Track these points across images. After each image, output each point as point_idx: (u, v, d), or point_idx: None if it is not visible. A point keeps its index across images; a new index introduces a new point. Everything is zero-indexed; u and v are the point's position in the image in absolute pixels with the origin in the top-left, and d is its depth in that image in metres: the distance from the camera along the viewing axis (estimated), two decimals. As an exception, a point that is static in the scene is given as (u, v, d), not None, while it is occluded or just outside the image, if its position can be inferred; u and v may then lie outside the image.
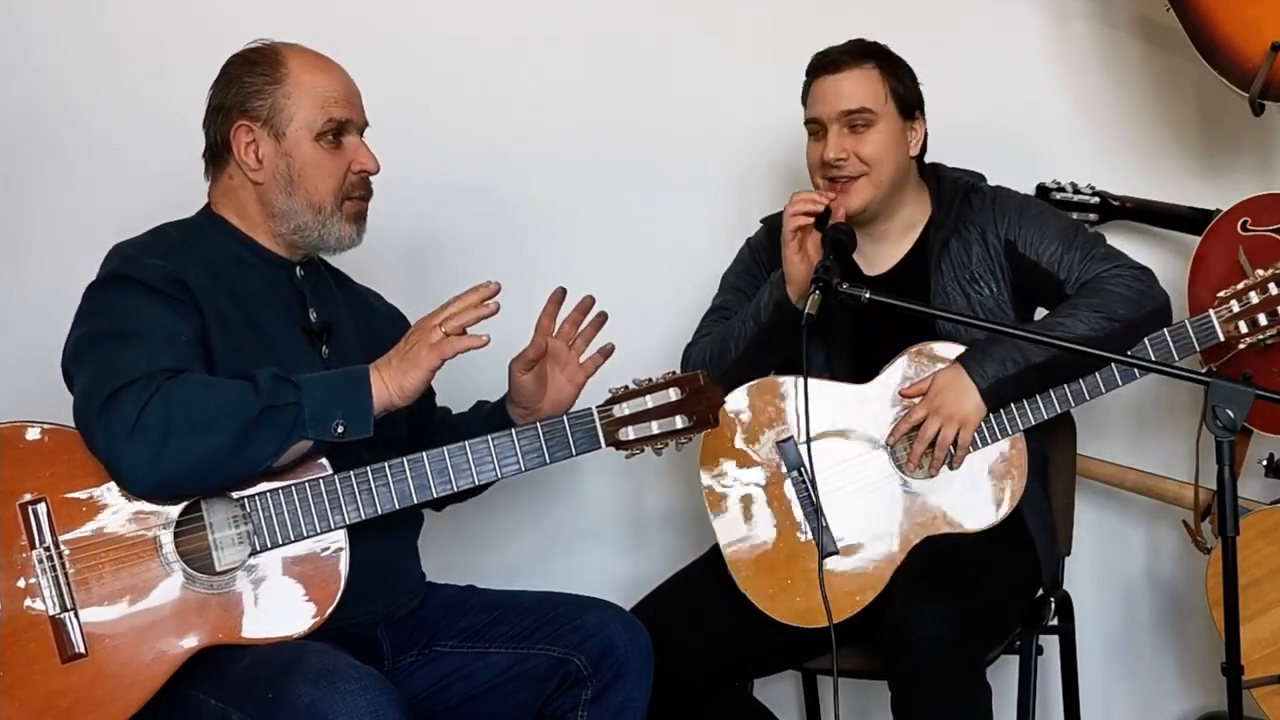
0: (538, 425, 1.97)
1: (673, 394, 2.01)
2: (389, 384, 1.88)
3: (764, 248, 2.38)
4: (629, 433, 2.00)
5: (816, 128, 2.28)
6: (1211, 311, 2.22)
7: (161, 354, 1.85)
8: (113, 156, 2.78)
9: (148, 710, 1.86)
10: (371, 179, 2.07)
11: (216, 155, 2.04)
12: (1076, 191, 2.62)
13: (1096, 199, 2.61)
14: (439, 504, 2.19)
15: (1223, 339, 2.22)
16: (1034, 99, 2.70)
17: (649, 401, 2.00)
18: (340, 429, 1.85)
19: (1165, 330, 2.22)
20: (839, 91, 2.23)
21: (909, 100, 2.25)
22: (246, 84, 2.00)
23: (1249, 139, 2.65)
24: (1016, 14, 2.71)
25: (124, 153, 2.78)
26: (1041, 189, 2.61)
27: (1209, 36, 2.34)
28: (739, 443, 2.25)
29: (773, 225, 2.37)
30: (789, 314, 2.18)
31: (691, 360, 2.34)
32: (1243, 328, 2.21)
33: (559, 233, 2.80)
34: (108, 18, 2.78)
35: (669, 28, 2.77)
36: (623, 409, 1.99)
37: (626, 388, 2.01)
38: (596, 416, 1.99)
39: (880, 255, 2.33)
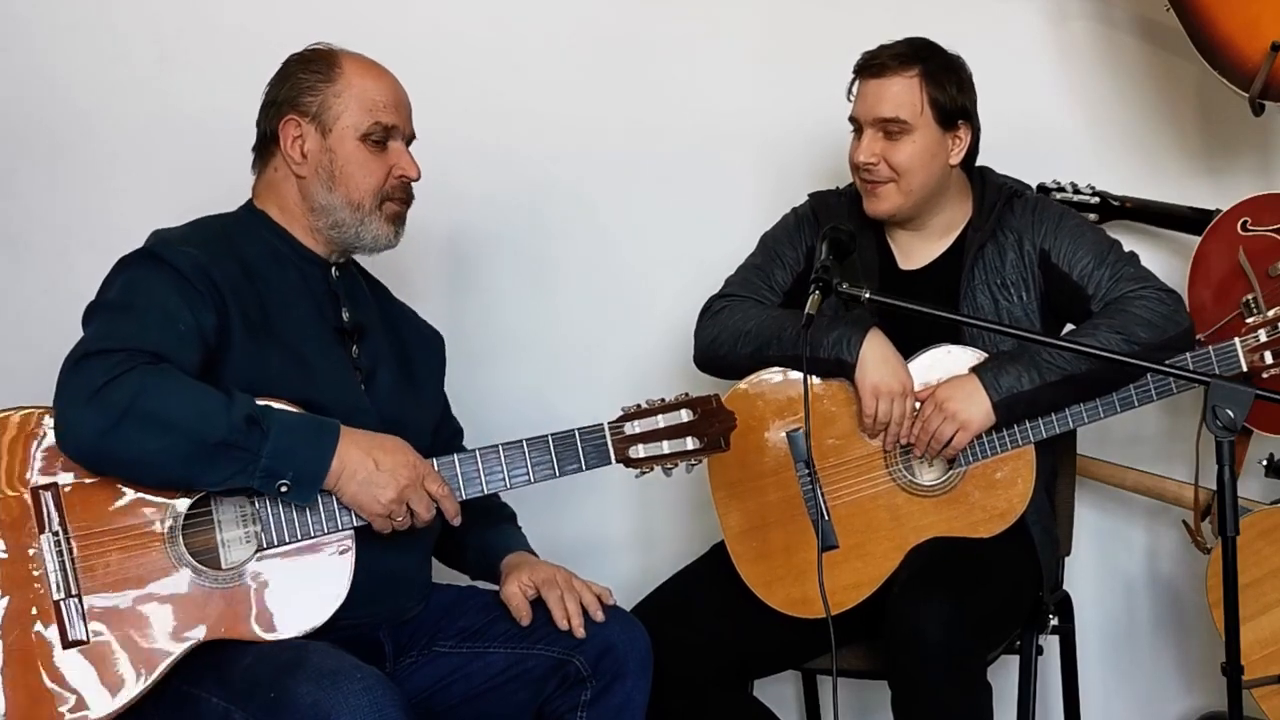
0: (549, 438, 1.98)
1: (685, 415, 2.02)
2: (341, 480, 1.87)
3: (809, 220, 2.38)
4: (639, 451, 2.01)
5: (856, 126, 2.28)
6: (1237, 340, 2.21)
7: (151, 333, 1.85)
8: (116, 158, 2.79)
9: (149, 707, 1.87)
10: (413, 186, 2.09)
11: (264, 148, 2.07)
12: (1076, 191, 2.62)
13: (1096, 199, 2.61)
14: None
15: (1245, 368, 2.21)
16: (1034, 99, 2.70)
17: (660, 421, 2.01)
18: (284, 489, 1.85)
19: (1187, 355, 2.21)
20: (878, 96, 2.23)
21: (951, 111, 2.23)
22: (300, 80, 2.04)
23: (1249, 139, 2.65)
24: (1016, 14, 2.71)
25: (127, 154, 2.78)
26: (1042, 189, 2.60)
27: (1209, 36, 2.34)
28: (749, 430, 2.24)
29: (819, 200, 2.39)
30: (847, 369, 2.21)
31: (712, 312, 2.33)
32: (1268, 358, 2.20)
33: (581, 233, 2.81)
34: (113, 19, 2.78)
35: (679, 28, 2.78)
36: (634, 427, 2.01)
37: (639, 406, 2.02)
38: (608, 433, 2.00)
39: (917, 251, 2.34)
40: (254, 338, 1.94)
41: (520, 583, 2.06)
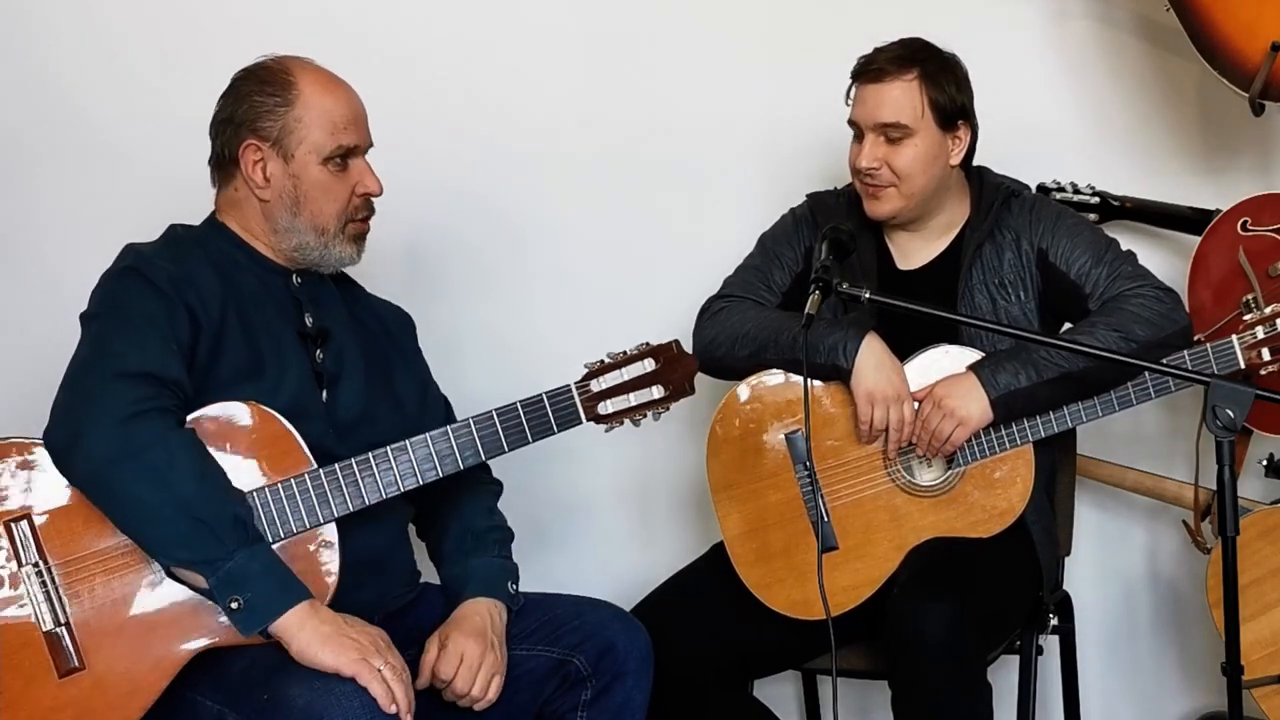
0: (518, 405, 1.97)
1: (648, 365, 2.02)
2: (303, 629, 1.80)
3: (807, 220, 2.38)
4: (607, 406, 2.00)
5: (856, 130, 2.28)
6: (1234, 337, 2.20)
7: (158, 354, 1.87)
8: (114, 161, 2.77)
9: (145, 713, 1.85)
10: (375, 199, 2.08)
11: (223, 167, 2.06)
12: (1076, 191, 2.61)
13: (1096, 199, 2.60)
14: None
15: (1243, 365, 2.20)
16: (1034, 99, 2.69)
17: (625, 374, 2.01)
18: (235, 605, 1.79)
19: (1185, 354, 2.21)
20: (878, 101, 2.22)
21: (951, 112, 2.23)
22: (257, 103, 2.01)
23: (1249, 139, 2.64)
24: (1016, 14, 2.70)
25: (126, 157, 2.77)
26: (1042, 189, 2.59)
27: (1209, 36, 2.33)
28: (748, 432, 2.25)
29: (817, 201, 2.39)
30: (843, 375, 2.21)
31: (711, 313, 2.33)
32: (1265, 355, 2.19)
33: (580, 235, 2.81)
34: (112, 20, 2.77)
35: (674, 26, 2.77)
36: (600, 383, 2.00)
37: (602, 362, 2.02)
38: (575, 393, 1.99)
39: (915, 251, 2.34)
40: (216, 344, 1.94)
41: (440, 637, 1.99)
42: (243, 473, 1.89)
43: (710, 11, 2.77)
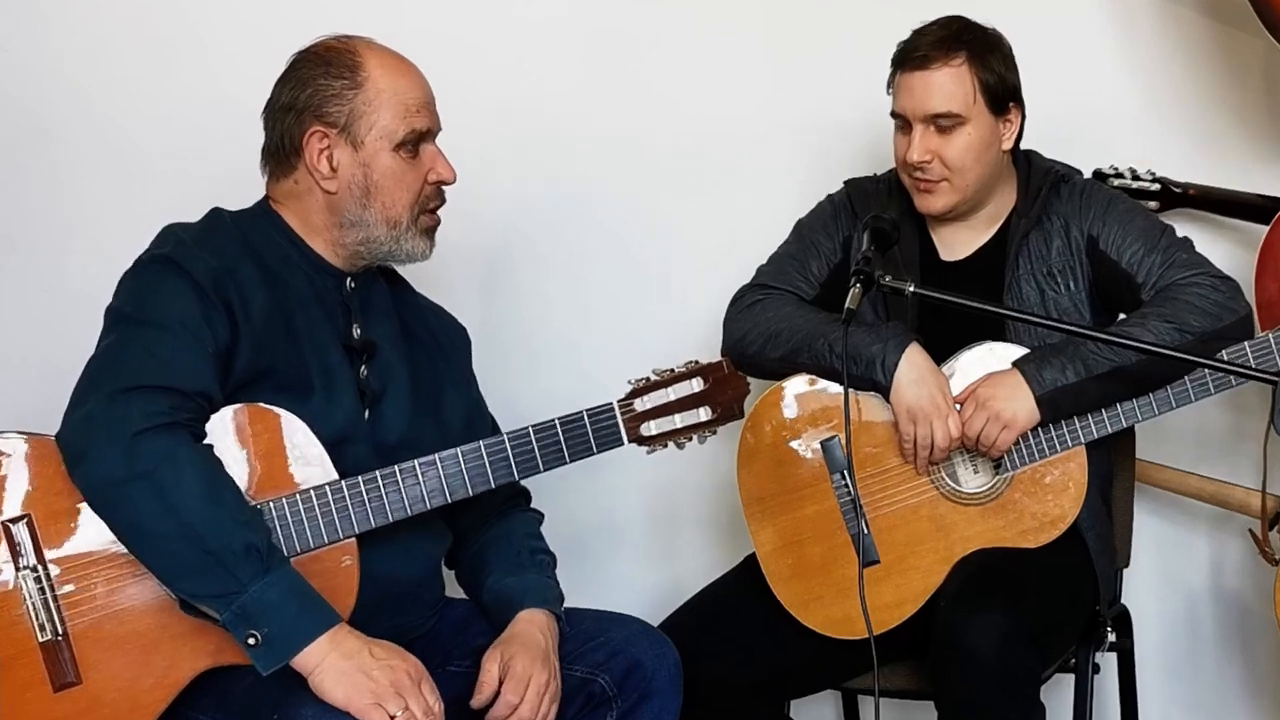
0: (556, 423, 1.91)
1: (696, 384, 1.97)
2: (322, 662, 1.73)
3: (845, 209, 2.34)
4: (651, 428, 1.95)
5: (902, 122, 2.22)
6: None
7: (186, 360, 1.80)
8: (116, 158, 2.75)
9: (147, 732, 1.82)
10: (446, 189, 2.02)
11: (282, 157, 1.97)
12: (1136, 178, 2.54)
13: (1157, 186, 2.54)
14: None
15: None
16: (1091, 79, 2.64)
17: (671, 394, 1.96)
18: (252, 641, 1.72)
19: (1246, 344, 2.14)
20: (926, 90, 2.16)
21: (1001, 93, 2.17)
22: (322, 86, 1.92)
23: (1320, 120, 2.60)
24: (1073, -10, 2.69)
25: (127, 154, 2.75)
26: (1099, 174, 2.53)
27: (1274, 9, 2.27)
28: (781, 440, 2.20)
29: (855, 188, 2.35)
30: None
31: (745, 304, 2.28)
32: None
33: (614, 233, 2.78)
34: (112, 16, 2.75)
35: (719, 22, 2.74)
36: (644, 402, 1.95)
37: (648, 379, 1.97)
38: (618, 412, 1.94)
39: (960, 242, 2.29)
40: (258, 351, 1.87)
41: (503, 657, 1.92)
42: (258, 482, 1.84)
43: (747, 7, 2.73)
